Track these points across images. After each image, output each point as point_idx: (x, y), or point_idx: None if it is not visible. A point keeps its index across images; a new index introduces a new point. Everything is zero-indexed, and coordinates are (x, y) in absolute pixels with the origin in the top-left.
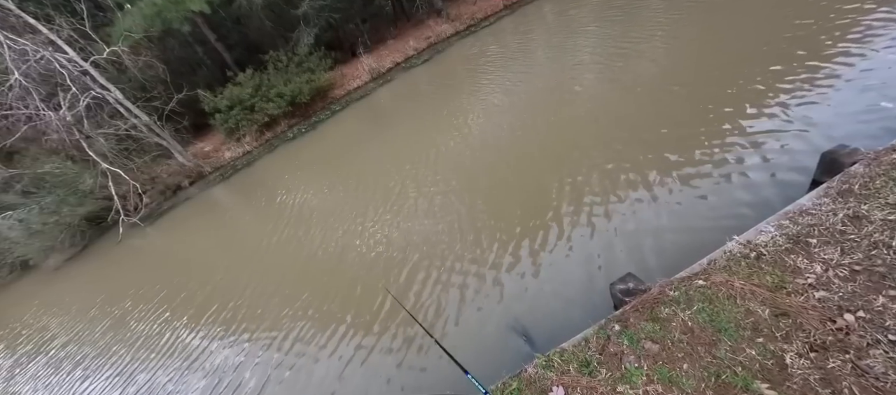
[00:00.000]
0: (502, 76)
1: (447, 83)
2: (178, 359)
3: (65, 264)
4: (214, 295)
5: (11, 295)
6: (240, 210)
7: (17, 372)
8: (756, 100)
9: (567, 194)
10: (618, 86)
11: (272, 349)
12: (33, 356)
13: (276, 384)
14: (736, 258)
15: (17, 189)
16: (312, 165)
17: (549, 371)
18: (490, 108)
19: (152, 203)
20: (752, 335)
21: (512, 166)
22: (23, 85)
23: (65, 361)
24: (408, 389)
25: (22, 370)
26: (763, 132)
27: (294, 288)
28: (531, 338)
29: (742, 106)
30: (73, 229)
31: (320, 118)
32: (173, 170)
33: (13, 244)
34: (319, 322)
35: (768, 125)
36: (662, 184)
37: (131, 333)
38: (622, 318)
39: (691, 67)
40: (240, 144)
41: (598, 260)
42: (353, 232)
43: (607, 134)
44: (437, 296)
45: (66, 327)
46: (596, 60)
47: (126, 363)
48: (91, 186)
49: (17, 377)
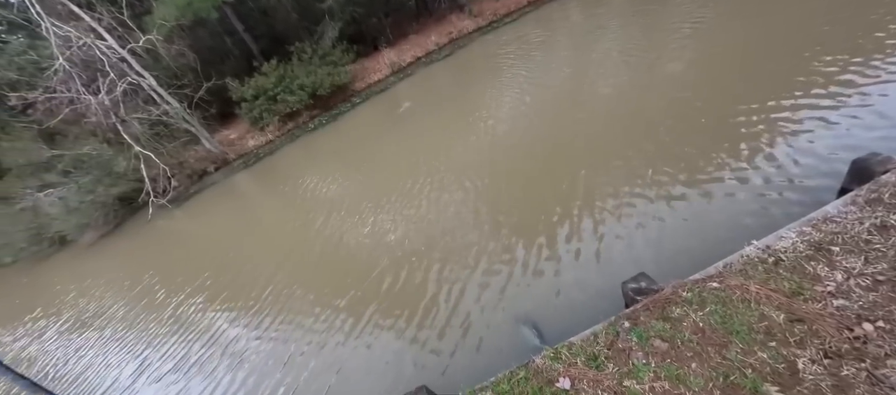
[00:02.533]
0: (523, 74)
1: (467, 79)
2: (194, 333)
3: (99, 241)
4: (234, 277)
5: (51, 267)
6: (261, 197)
7: (53, 337)
8: (783, 103)
9: (583, 193)
10: (641, 85)
11: (271, 325)
12: (67, 322)
13: (265, 350)
14: (753, 263)
15: (58, 169)
16: (331, 156)
17: (556, 363)
18: (509, 105)
19: (180, 187)
20: (765, 338)
21: (529, 164)
22: (66, 70)
23: (94, 328)
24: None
25: (57, 334)
26: (791, 136)
27: (310, 273)
28: (541, 332)
29: (768, 109)
30: (107, 208)
31: (341, 110)
32: (200, 156)
33: (53, 220)
34: (331, 306)
35: (796, 129)
36: (681, 185)
37: (157, 307)
38: (632, 316)
39: (718, 68)
40: (263, 133)
41: (611, 259)
42: (368, 222)
43: (627, 134)
44: (448, 287)
45: (98, 298)
46: (619, 59)
47: (150, 334)
48: (124, 168)
49: (52, 341)
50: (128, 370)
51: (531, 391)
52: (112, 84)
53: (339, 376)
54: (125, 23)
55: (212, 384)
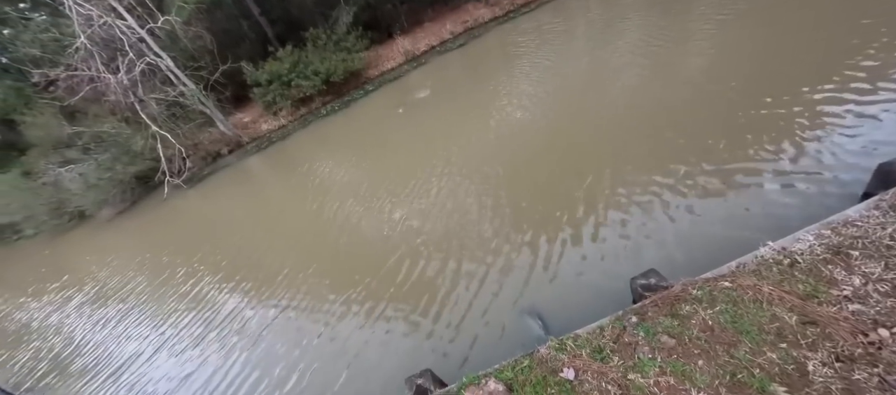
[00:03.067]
0: (538, 65)
1: (481, 70)
2: (209, 311)
3: (116, 217)
4: (246, 258)
5: (71, 241)
6: (274, 181)
7: (75, 306)
8: (809, 104)
9: (597, 186)
10: (661, 80)
11: (286, 308)
12: (88, 294)
13: (279, 332)
14: (767, 264)
15: (78, 145)
16: (343, 143)
17: (561, 353)
18: (524, 97)
19: (194, 167)
20: (776, 339)
21: (542, 157)
22: (87, 48)
23: (111, 301)
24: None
25: (76, 305)
26: (816, 137)
27: (321, 258)
28: (546, 324)
29: (793, 109)
30: (124, 186)
31: (353, 98)
32: (214, 138)
33: (73, 195)
34: (342, 291)
35: (822, 130)
36: (697, 184)
37: (173, 284)
38: (640, 311)
39: (744, 63)
40: (276, 117)
41: (622, 255)
42: (379, 210)
43: (644, 128)
44: (457, 277)
45: (115, 272)
46: (639, 51)
47: (166, 309)
48: (141, 147)
49: (72, 312)
50: (144, 342)
51: (535, 379)
52: (131, 64)
53: (349, 357)
54: (145, 3)
55: (226, 362)
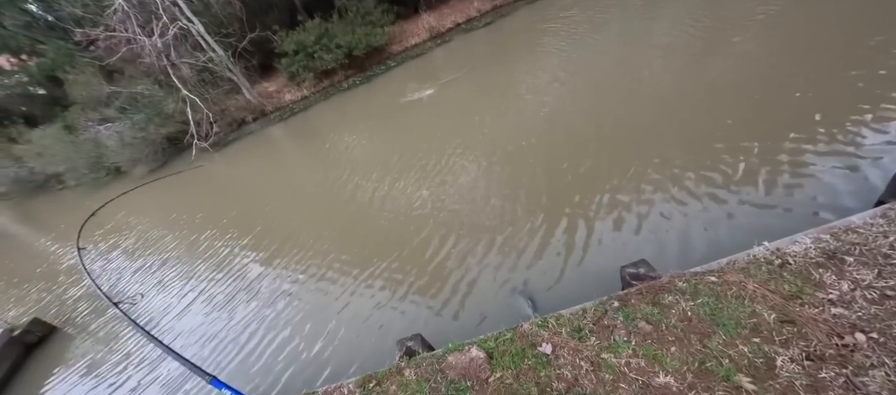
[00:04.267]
0: (566, 49)
1: (506, 50)
2: (226, 268)
3: (148, 175)
4: (264, 223)
5: (107, 194)
6: (294, 151)
7: (106, 257)
8: (840, 106)
9: (614, 175)
10: (694, 73)
11: (297, 272)
12: (122, 245)
13: (292, 301)
14: (758, 263)
15: (115, 105)
16: (363, 118)
17: (542, 330)
18: (547, 82)
19: (221, 132)
20: (750, 334)
21: (558, 144)
22: (125, 10)
23: (144, 252)
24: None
25: (118, 254)
26: (840, 142)
27: (336, 228)
28: (536, 304)
29: (820, 110)
30: (155, 146)
31: (375, 72)
32: (240, 105)
33: (110, 152)
34: (351, 259)
35: (846, 137)
36: (708, 184)
37: (200, 243)
38: (624, 298)
39: (784, 63)
40: (299, 88)
41: (624, 245)
42: (392, 186)
43: (672, 120)
44: (461, 253)
45: (148, 226)
46: (676, 41)
47: (189, 262)
48: (172, 109)
49: (112, 260)
50: (174, 294)
51: (514, 350)
52: (165, 27)
53: (349, 318)
54: None
55: (242, 320)
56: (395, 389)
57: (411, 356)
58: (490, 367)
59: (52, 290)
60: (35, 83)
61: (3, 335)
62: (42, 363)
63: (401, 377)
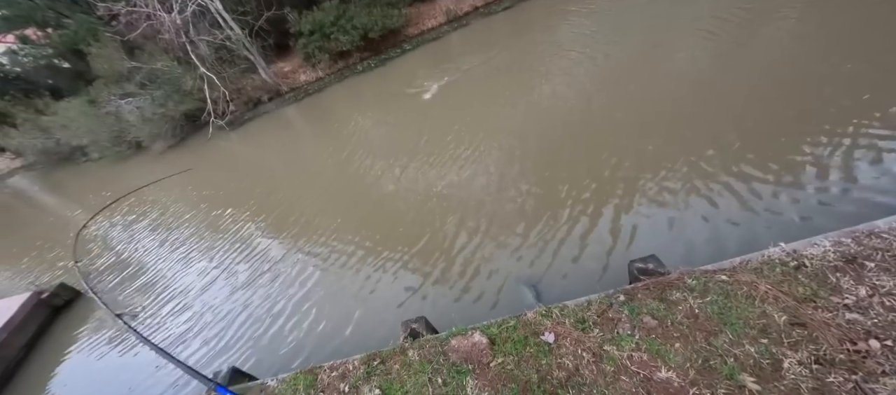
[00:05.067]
0: (590, 37)
1: (526, 35)
2: (239, 243)
3: (167, 151)
4: (277, 201)
5: (129, 168)
6: (307, 133)
7: (124, 227)
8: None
9: (631, 168)
10: (724, 64)
11: (308, 251)
12: (142, 219)
13: (300, 279)
14: (772, 263)
15: (136, 80)
16: (376, 101)
17: (546, 319)
18: (568, 70)
19: (236, 111)
20: (758, 335)
21: (579, 132)
22: None
23: (160, 228)
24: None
25: (128, 228)
26: (873, 145)
27: (347, 210)
28: (541, 294)
29: (860, 110)
30: (174, 122)
31: (390, 56)
32: (256, 84)
33: (131, 126)
34: (361, 241)
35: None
36: (737, 176)
37: (217, 219)
38: (630, 292)
39: (820, 54)
40: (314, 69)
41: (631, 242)
42: (398, 167)
43: (693, 112)
44: (469, 240)
45: (167, 201)
46: (705, 30)
47: (203, 236)
48: (191, 87)
49: (133, 231)
50: (188, 266)
51: (516, 338)
52: (184, 3)
53: (359, 298)
54: None
55: (240, 287)
56: (398, 368)
57: (415, 337)
58: (492, 352)
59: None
60: (60, 56)
61: (32, 297)
62: (68, 325)
63: (404, 357)
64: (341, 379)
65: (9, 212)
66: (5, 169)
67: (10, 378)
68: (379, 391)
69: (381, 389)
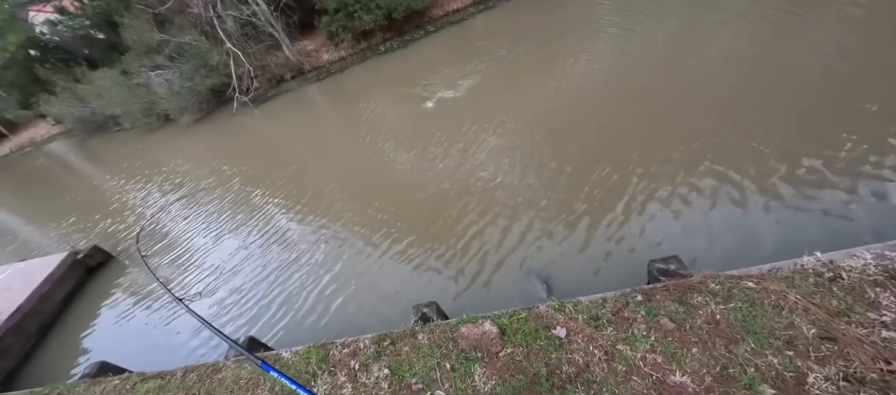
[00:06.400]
0: (622, 21)
1: (555, 20)
2: (260, 219)
3: (194, 124)
4: (296, 179)
5: (158, 139)
6: (328, 113)
7: (149, 194)
8: None
9: (655, 164)
10: (765, 58)
11: (326, 230)
12: (170, 188)
13: (319, 257)
14: (805, 273)
15: (165, 53)
16: (397, 83)
17: (559, 314)
18: (598, 57)
19: (260, 88)
20: (784, 346)
21: (604, 125)
22: None
23: (187, 199)
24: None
25: (151, 195)
26: None
27: (364, 192)
28: (551, 288)
29: None
30: (200, 97)
31: (413, 37)
32: (280, 62)
33: (160, 99)
34: (378, 223)
35: None
36: (762, 184)
37: (240, 192)
38: (648, 292)
39: (870, 55)
40: (337, 49)
41: (653, 241)
42: (417, 153)
43: (726, 110)
44: (486, 228)
45: (192, 172)
46: (745, 24)
47: (229, 211)
48: (217, 62)
49: (159, 199)
50: (215, 238)
51: (527, 330)
52: None
53: (372, 281)
54: None
55: (261, 260)
56: (408, 350)
57: (426, 321)
58: (502, 342)
59: (111, 222)
60: (95, 27)
61: (69, 257)
62: (100, 284)
63: (414, 340)
64: (352, 356)
65: (50, 175)
66: (46, 135)
67: (50, 328)
68: (388, 370)
69: (390, 368)
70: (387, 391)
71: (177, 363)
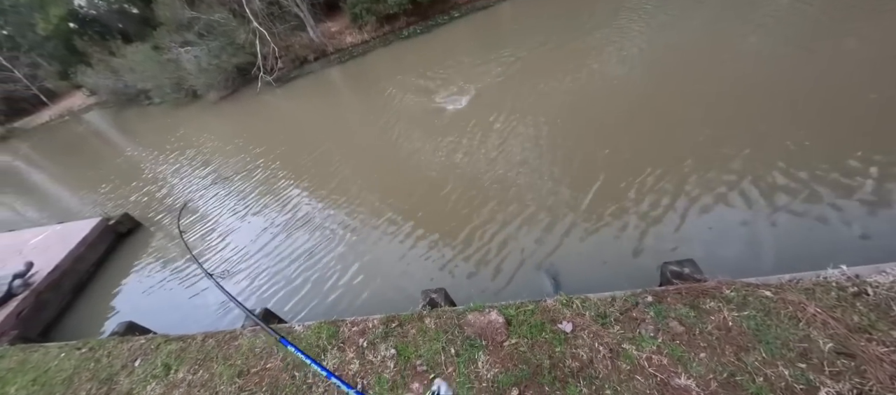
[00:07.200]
0: (654, 12)
1: (584, 9)
2: (276, 196)
3: (219, 101)
4: (316, 161)
5: (185, 114)
6: (349, 96)
7: (177, 167)
8: None
9: (683, 163)
10: (798, 58)
11: (343, 212)
12: (196, 162)
13: (338, 240)
14: (827, 286)
15: (195, 30)
16: (419, 69)
17: (566, 309)
18: (626, 49)
19: (284, 68)
20: (797, 358)
21: (629, 122)
22: None
23: (208, 173)
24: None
25: (179, 168)
26: None
27: (379, 175)
28: (559, 284)
29: None
30: (227, 74)
31: (437, 22)
32: (304, 42)
33: (188, 75)
34: (392, 208)
35: None
36: (793, 187)
37: (257, 169)
38: (660, 294)
39: None
40: (361, 31)
41: (668, 242)
42: (435, 141)
43: (758, 109)
44: (501, 220)
45: (217, 147)
46: (786, 19)
47: (250, 188)
48: (243, 41)
49: (187, 172)
50: (234, 212)
51: (533, 322)
52: None
53: (383, 267)
54: None
55: (281, 239)
56: (415, 333)
57: (434, 306)
58: (507, 332)
59: (141, 193)
60: (129, 1)
61: (101, 222)
62: (129, 250)
63: (421, 324)
64: (361, 334)
65: (86, 144)
66: (83, 105)
67: (83, 288)
68: (394, 350)
69: (396, 349)
70: (392, 370)
71: (196, 327)
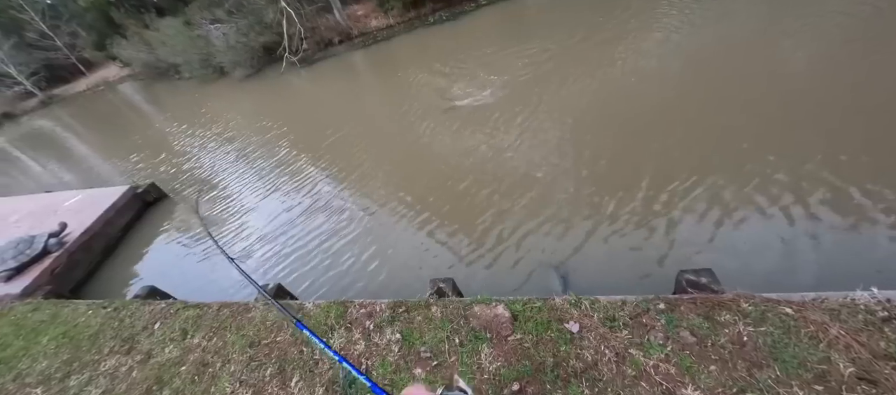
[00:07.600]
0: (688, 9)
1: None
2: (296, 178)
3: (245, 79)
4: (336, 145)
5: (212, 91)
6: (372, 82)
7: (202, 142)
8: None
9: (710, 168)
10: (871, 60)
11: (358, 193)
12: (222, 138)
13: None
14: (854, 309)
15: (225, 7)
16: (443, 57)
17: (574, 309)
18: (657, 47)
19: (309, 50)
20: (814, 380)
21: (656, 118)
22: None
23: (232, 150)
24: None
25: (204, 143)
26: None
27: (399, 164)
28: (568, 284)
29: None
30: (253, 53)
31: (464, 10)
32: (330, 25)
33: (217, 52)
34: (407, 197)
35: None
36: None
37: (280, 148)
38: (673, 302)
39: None
40: (386, 16)
41: (688, 251)
42: (455, 130)
43: (798, 115)
44: (512, 218)
45: (242, 124)
46: (831, 22)
47: (272, 167)
48: (271, 20)
49: (213, 147)
50: (252, 188)
51: (540, 319)
52: None
53: (395, 253)
54: None
55: (299, 219)
56: (421, 320)
57: (441, 296)
58: (512, 327)
59: (168, 164)
60: None
61: (130, 190)
62: (155, 218)
63: (428, 312)
64: (368, 317)
65: (119, 115)
66: (117, 76)
67: (111, 253)
68: (400, 335)
69: (402, 334)
70: (397, 354)
71: (213, 297)
